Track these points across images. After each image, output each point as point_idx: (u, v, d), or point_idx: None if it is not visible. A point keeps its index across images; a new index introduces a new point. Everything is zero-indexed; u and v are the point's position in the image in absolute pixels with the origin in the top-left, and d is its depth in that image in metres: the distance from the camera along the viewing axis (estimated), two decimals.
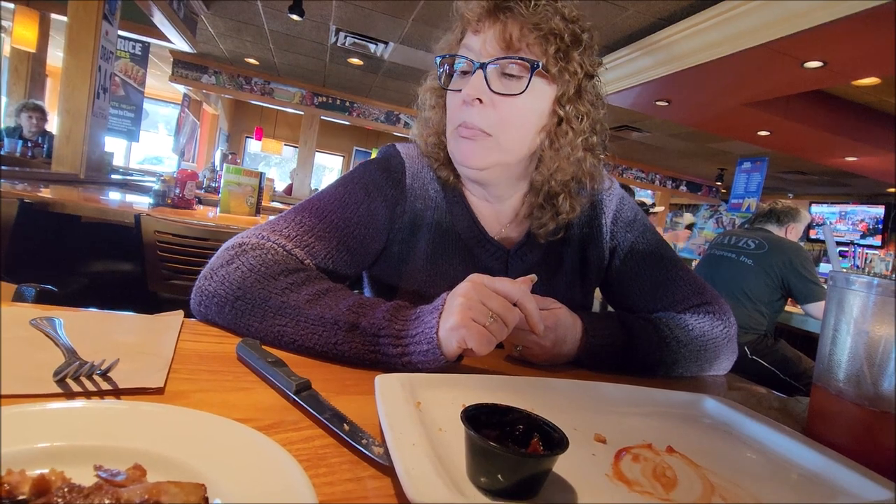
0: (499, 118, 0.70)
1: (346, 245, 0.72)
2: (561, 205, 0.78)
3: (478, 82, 0.69)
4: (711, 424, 0.54)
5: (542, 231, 0.80)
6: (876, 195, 8.12)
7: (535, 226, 0.81)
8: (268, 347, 0.54)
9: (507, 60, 0.69)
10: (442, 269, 0.79)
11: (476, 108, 0.70)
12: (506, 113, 0.70)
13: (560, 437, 0.36)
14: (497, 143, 0.72)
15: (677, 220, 6.48)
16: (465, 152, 0.72)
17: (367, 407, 0.45)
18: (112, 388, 0.41)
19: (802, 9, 2.71)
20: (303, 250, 0.68)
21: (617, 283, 0.87)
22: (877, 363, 0.47)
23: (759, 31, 3.01)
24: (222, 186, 2.66)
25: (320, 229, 0.71)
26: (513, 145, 0.73)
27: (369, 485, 0.34)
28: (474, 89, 0.69)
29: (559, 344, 0.67)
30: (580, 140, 0.75)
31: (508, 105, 0.70)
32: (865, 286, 0.49)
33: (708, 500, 0.38)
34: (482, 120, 0.70)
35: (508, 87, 0.70)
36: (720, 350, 0.78)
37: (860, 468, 0.43)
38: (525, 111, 0.72)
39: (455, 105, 0.73)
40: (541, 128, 0.74)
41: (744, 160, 5.93)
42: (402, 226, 0.79)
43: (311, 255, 0.69)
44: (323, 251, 0.70)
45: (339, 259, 0.72)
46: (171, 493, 0.21)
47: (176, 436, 0.31)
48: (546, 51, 0.69)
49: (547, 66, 0.69)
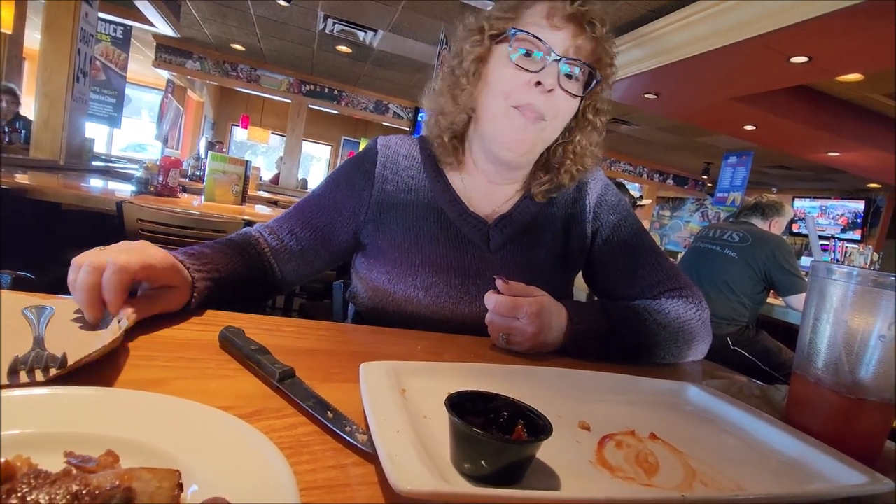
0: (556, 109, 0.77)
1: (311, 224, 0.85)
2: (563, 175, 0.86)
3: (555, 72, 0.75)
4: (693, 412, 0.55)
5: (540, 190, 0.87)
6: (857, 190, 8.29)
7: (534, 186, 0.87)
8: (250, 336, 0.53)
9: (582, 65, 0.76)
10: (422, 239, 0.84)
11: (544, 96, 0.75)
12: (560, 105, 0.77)
13: (544, 424, 0.36)
14: (545, 128, 0.78)
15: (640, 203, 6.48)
16: (520, 134, 0.78)
17: (352, 394, 0.45)
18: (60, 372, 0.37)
19: (790, 3, 2.73)
20: (268, 232, 0.84)
21: (598, 264, 0.90)
22: (854, 352, 0.48)
23: (747, 25, 3.03)
24: (207, 174, 2.62)
25: (293, 215, 0.86)
26: (552, 135, 0.81)
27: (352, 472, 0.34)
28: (554, 78, 0.74)
29: (544, 331, 0.67)
30: (595, 138, 0.85)
31: (565, 99, 0.77)
32: (846, 276, 0.50)
33: (689, 485, 0.38)
34: (548, 108, 0.76)
35: (571, 87, 0.77)
36: (696, 332, 0.80)
37: (836, 454, 0.44)
38: (570, 108, 0.80)
39: (517, 84, 0.75)
40: (568, 125, 0.83)
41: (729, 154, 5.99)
42: (370, 207, 0.86)
43: (276, 234, 0.84)
44: (286, 229, 0.84)
45: (303, 236, 0.84)
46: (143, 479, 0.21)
47: (152, 423, 0.30)
48: (604, 71, 0.79)
49: (601, 83, 0.80)
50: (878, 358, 0.47)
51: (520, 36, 0.75)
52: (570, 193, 0.91)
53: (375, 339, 0.68)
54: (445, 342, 0.70)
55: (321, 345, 0.60)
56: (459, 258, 0.83)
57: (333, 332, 0.67)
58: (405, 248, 0.83)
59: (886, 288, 0.47)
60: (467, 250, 0.84)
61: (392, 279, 0.82)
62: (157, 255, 0.59)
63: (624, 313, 0.75)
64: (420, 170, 0.88)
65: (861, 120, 4.81)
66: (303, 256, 0.85)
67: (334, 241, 0.86)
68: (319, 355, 0.56)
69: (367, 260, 0.87)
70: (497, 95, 0.77)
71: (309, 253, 0.85)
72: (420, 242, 0.84)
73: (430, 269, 0.82)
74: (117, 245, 0.59)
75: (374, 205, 0.86)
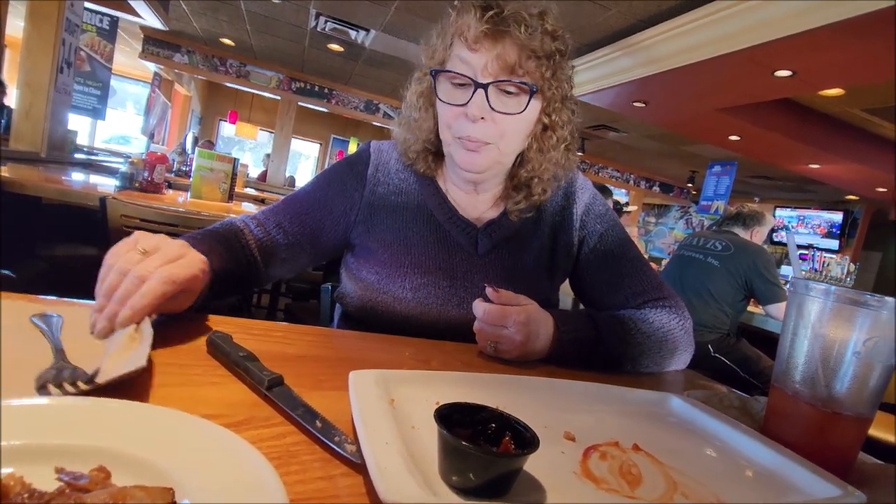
0: (498, 131, 0.76)
1: (299, 219, 0.85)
2: (535, 188, 0.86)
3: (480, 101, 0.73)
4: (676, 423, 0.56)
5: (515, 209, 0.86)
6: (836, 202, 8.49)
7: (510, 205, 0.87)
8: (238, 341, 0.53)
9: (507, 83, 0.74)
10: (412, 241, 0.85)
11: (479, 125, 0.75)
12: (504, 126, 0.76)
13: (531, 437, 0.36)
14: (497, 149, 0.78)
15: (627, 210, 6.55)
16: (469, 161, 0.78)
17: (341, 403, 0.45)
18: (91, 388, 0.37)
19: (776, 17, 2.79)
20: (255, 224, 0.82)
21: (584, 272, 0.92)
22: (830, 366, 0.50)
23: (733, 38, 3.09)
24: (194, 171, 2.58)
25: (281, 209, 0.86)
26: (508, 149, 0.80)
27: (341, 483, 0.34)
28: (479, 109, 0.73)
29: (532, 340, 0.68)
30: (562, 145, 0.83)
31: (507, 120, 0.76)
32: (823, 293, 0.51)
33: (671, 497, 0.39)
34: (485, 134, 0.76)
35: (508, 106, 0.75)
36: (679, 342, 0.81)
37: (812, 466, 0.45)
38: (520, 124, 0.78)
39: (452, 115, 0.77)
40: (528, 134, 0.81)
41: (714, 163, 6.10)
42: (361, 208, 0.87)
43: (263, 227, 0.82)
44: (274, 222, 0.83)
45: (291, 231, 0.84)
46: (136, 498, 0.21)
47: (141, 434, 0.30)
48: (543, 75, 0.75)
49: (542, 88, 0.76)
50: (852, 373, 0.49)
51: (441, 76, 0.77)
52: (558, 202, 0.92)
53: (364, 345, 0.68)
54: (433, 349, 0.70)
55: (310, 350, 0.60)
56: (448, 261, 0.84)
57: (322, 337, 0.67)
58: (394, 249, 0.84)
59: (862, 306, 0.48)
60: (455, 253, 0.85)
61: (381, 279, 0.83)
62: (197, 263, 0.58)
63: (609, 323, 0.77)
64: (411, 174, 0.90)
65: (841, 133, 4.94)
66: (288, 251, 0.84)
67: (322, 239, 0.87)
68: (308, 362, 0.56)
69: (356, 260, 0.88)
70: (443, 127, 0.80)
71: (295, 247, 0.84)
72: (409, 244, 0.84)
73: (419, 270, 0.83)
74: (160, 248, 0.55)
75: (364, 206, 0.87)
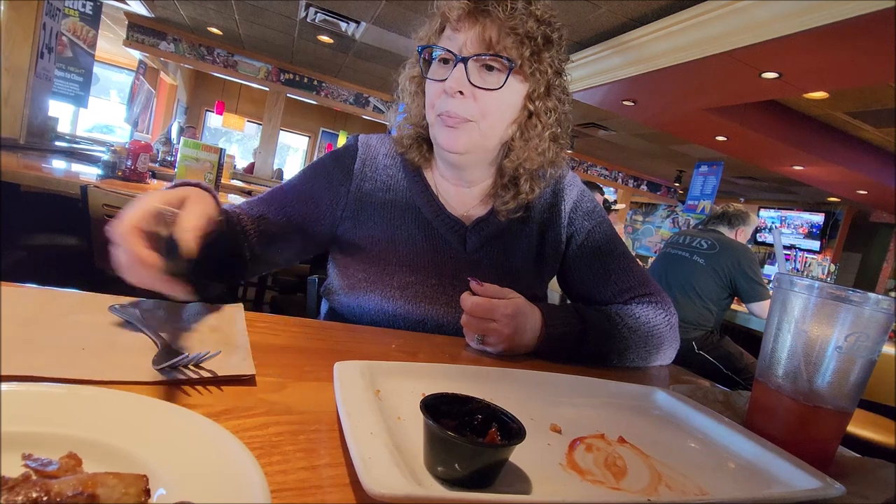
0: (479, 108, 0.75)
1: (285, 212, 0.83)
2: (522, 186, 0.84)
3: (459, 75, 0.73)
4: (661, 416, 0.56)
5: (504, 209, 0.85)
6: (818, 203, 8.65)
7: (497, 204, 0.86)
8: None
9: (486, 57, 0.73)
10: (399, 238, 0.84)
11: (458, 100, 0.74)
12: (484, 104, 0.75)
13: (518, 428, 0.36)
14: (478, 127, 0.77)
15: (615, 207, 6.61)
16: (449, 139, 0.77)
17: (325, 393, 0.44)
18: (212, 376, 0.42)
19: (764, 19, 2.82)
20: (244, 210, 0.81)
21: (572, 268, 0.91)
22: (812, 361, 0.50)
23: (722, 39, 3.12)
24: (179, 161, 2.54)
25: (266, 200, 0.85)
26: (490, 132, 0.78)
27: (324, 473, 0.34)
28: (456, 82, 0.73)
29: (519, 333, 0.68)
30: (548, 133, 0.81)
31: (487, 97, 0.75)
32: (807, 289, 0.52)
33: (655, 489, 0.39)
34: (464, 110, 0.75)
35: (487, 82, 0.74)
36: (664, 338, 0.82)
37: (793, 459, 0.46)
38: (501, 104, 0.76)
39: (435, 93, 0.77)
40: (513, 120, 0.79)
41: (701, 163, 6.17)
42: (348, 203, 0.86)
43: (248, 216, 0.81)
44: (258, 212, 0.82)
45: (276, 222, 0.83)
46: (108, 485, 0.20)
47: (117, 422, 0.29)
48: (521, 53, 0.74)
49: (521, 66, 0.75)
50: (833, 368, 0.49)
51: (427, 51, 0.78)
52: (546, 199, 0.91)
53: (350, 337, 0.67)
54: (420, 341, 0.70)
55: (295, 342, 0.59)
56: (436, 258, 0.83)
57: (307, 328, 0.66)
58: (382, 246, 0.83)
59: (844, 301, 0.49)
60: (444, 250, 0.84)
61: (369, 277, 0.82)
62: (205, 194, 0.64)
63: (596, 318, 0.77)
64: (399, 170, 0.88)
65: (825, 136, 5.03)
66: (274, 243, 0.82)
67: (308, 233, 0.85)
68: (293, 352, 0.55)
69: (343, 257, 0.86)
70: (428, 108, 0.80)
71: (279, 239, 0.82)
72: (397, 241, 0.83)
73: (407, 268, 0.82)
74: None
75: (351, 201, 0.86)
